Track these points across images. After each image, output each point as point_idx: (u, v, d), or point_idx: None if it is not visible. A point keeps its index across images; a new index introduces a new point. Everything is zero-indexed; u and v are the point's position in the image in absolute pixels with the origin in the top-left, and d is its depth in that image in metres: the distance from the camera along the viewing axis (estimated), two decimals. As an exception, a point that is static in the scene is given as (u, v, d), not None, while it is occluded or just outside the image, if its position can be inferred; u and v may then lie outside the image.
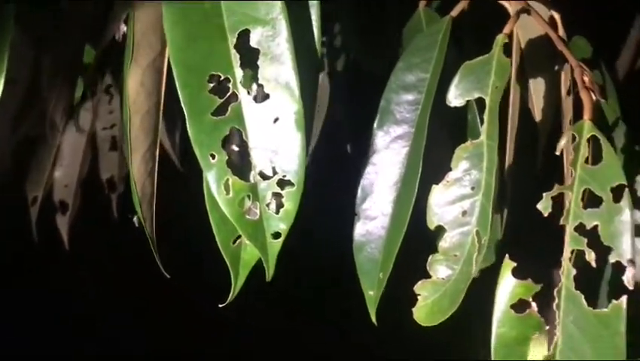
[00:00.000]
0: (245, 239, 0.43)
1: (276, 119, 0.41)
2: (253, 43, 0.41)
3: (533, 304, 0.36)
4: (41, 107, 0.81)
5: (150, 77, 0.45)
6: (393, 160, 0.51)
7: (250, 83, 0.41)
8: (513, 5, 0.49)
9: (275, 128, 0.41)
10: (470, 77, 0.43)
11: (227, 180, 0.41)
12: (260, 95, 0.41)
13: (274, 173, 0.41)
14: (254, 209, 0.42)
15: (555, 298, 0.36)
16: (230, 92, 0.41)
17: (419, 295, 0.45)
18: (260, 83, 0.41)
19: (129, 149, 0.44)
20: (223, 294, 0.47)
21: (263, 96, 0.41)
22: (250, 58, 0.41)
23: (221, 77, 0.40)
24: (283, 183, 0.42)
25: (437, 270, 0.44)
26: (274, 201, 0.42)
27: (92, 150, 0.96)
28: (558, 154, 0.38)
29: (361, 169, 0.52)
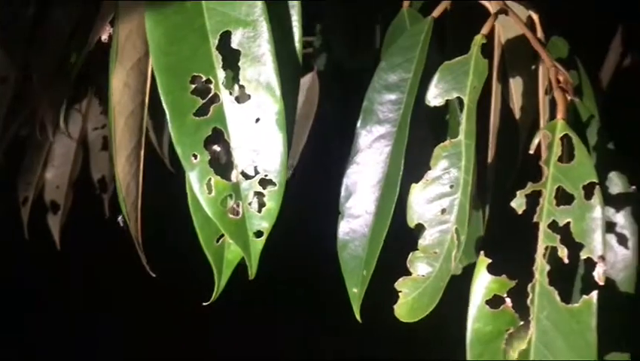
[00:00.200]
0: (228, 238, 0.44)
1: (258, 119, 0.42)
2: (234, 45, 0.41)
3: (507, 300, 0.37)
4: (32, 107, 0.82)
5: (135, 78, 0.46)
6: (376, 159, 0.52)
7: (232, 83, 0.41)
8: (493, 6, 0.50)
9: (257, 129, 0.42)
10: (449, 77, 0.44)
11: (210, 180, 0.41)
12: (242, 96, 0.42)
13: (256, 172, 0.42)
14: (236, 208, 0.42)
15: (529, 294, 0.37)
16: (212, 93, 0.41)
17: (400, 292, 0.46)
18: (242, 84, 0.41)
19: (113, 150, 0.44)
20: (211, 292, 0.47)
21: (244, 97, 0.42)
22: (231, 59, 0.42)
23: (203, 78, 0.41)
24: (265, 183, 0.42)
25: (417, 267, 0.45)
26: (256, 201, 0.43)
27: (83, 151, 0.97)
28: (532, 153, 0.38)
29: (345, 168, 0.53)
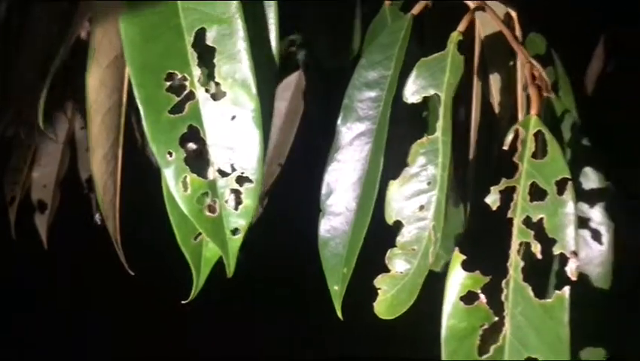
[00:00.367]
0: (205, 236, 0.44)
1: (234, 116, 0.42)
2: (210, 42, 0.41)
3: (482, 296, 0.37)
4: (16, 108, 0.81)
5: (112, 77, 0.46)
6: (356, 157, 0.52)
7: (207, 81, 0.41)
8: (473, 3, 0.50)
9: (233, 126, 0.42)
10: (426, 73, 0.44)
11: (185, 178, 0.41)
12: (218, 93, 0.42)
13: (232, 170, 0.42)
14: (213, 206, 0.42)
15: (504, 290, 0.37)
16: (188, 90, 0.41)
17: (379, 289, 0.46)
18: (217, 81, 0.41)
19: (90, 148, 0.44)
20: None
21: (220, 94, 0.41)
22: (207, 56, 0.41)
23: (178, 76, 0.41)
24: (242, 180, 0.42)
25: (396, 264, 0.45)
26: (233, 198, 0.42)
27: (70, 150, 0.97)
28: (506, 149, 0.38)
29: (326, 166, 0.53)
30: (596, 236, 0.42)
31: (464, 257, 0.38)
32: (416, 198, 0.44)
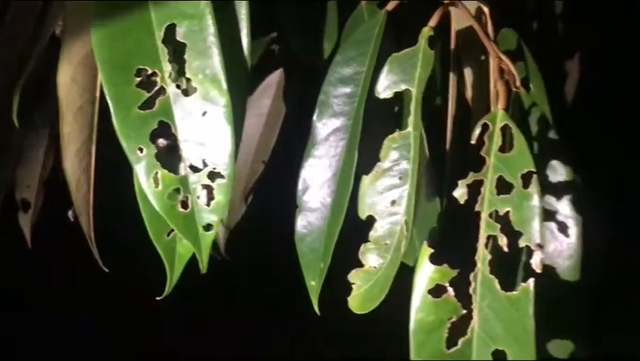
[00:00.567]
0: (177, 232, 0.44)
1: (205, 112, 0.42)
2: (180, 38, 0.41)
3: (450, 289, 0.37)
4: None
5: (83, 74, 0.46)
6: (332, 152, 0.52)
7: (178, 76, 0.41)
8: (447, -2, 0.50)
9: (204, 122, 0.42)
10: (397, 69, 0.44)
11: (156, 174, 0.41)
12: (189, 89, 0.42)
13: (204, 165, 0.42)
14: (185, 202, 0.42)
15: (472, 283, 0.37)
16: (158, 86, 0.41)
17: (353, 284, 0.46)
18: (188, 76, 0.41)
19: (62, 145, 0.44)
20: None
21: (191, 90, 0.42)
22: (177, 52, 0.41)
23: (149, 72, 0.41)
24: (213, 176, 0.42)
25: (369, 259, 0.45)
26: (205, 194, 0.43)
27: (55, 149, 0.96)
28: (474, 143, 0.39)
29: (302, 162, 0.53)
30: (565, 229, 0.42)
31: (432, 251, 0.38)
32: (389, 192, 0.45)
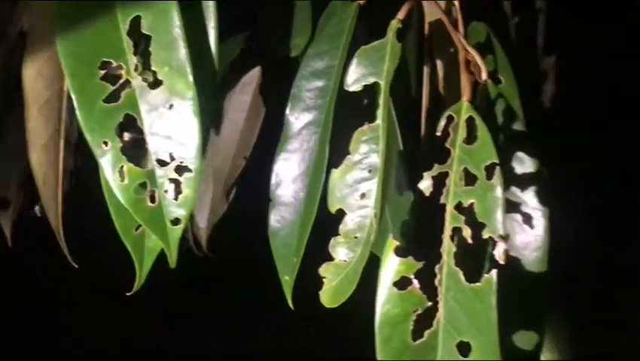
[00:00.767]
0: (144, 226, 0.43)
1: (171, 105, 0.41)
2: (145, 30, 0.41)
3: (415, 281, 0.37)
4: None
5: (51, 68, 0.45)
6: (304, 146, 0.52)
7: (143, 69, 0.41)
8: (419, -9, 0.50)
9: (171, 115, 0.41)
10: (366, 62, 0.44)
11: (122, 167, 0.41)
12: (154, 82, 0.41)
13: (171, 159, 0.42)
14: (152, 196, 0.42)
15: (437, 275, 0.37)
16: (123, 79, 0.41)
17: (324, 278, 0.46)
18: (154, 69, 0.41)
19: (27, 138, 0.44)
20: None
21: (157, 83, 0.41)
22: (142, 44, 0.41)
23: (114, 64, 0.41)
24: (181, 170, 0.42)
25: (339, 252, 0.45)
26: (172, 188, 0.42)
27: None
28: (439, 135, 0.39)
29: (275, 156, 0.53)
30: (532, 221, 0.42)
31: (397, 243, 0.38)
32: (358, 186, 0.44)
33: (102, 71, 0.40)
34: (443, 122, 0.38)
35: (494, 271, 0.35)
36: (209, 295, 1.19)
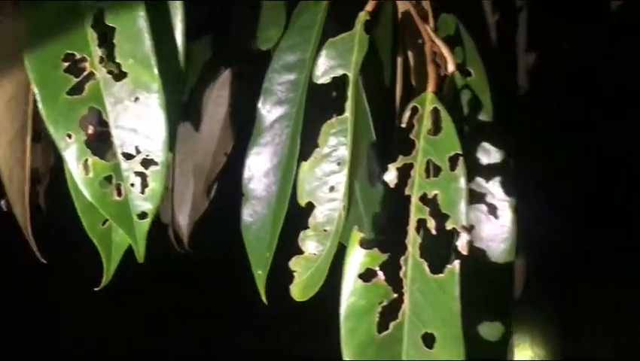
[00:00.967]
0: (111, 220, 0.43)
1: (136, 98, 0.41)
2: (109, 22, 0.40)
3: (380, 273, 0.37)
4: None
5: (17, 60, 0.44)
6: (276, 140, 0.52)
7: (108, 61, 0.41)
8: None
9: (136, 107, 0.41)
10: (334, 54, 0.44)
11: (87, 161, 0.40)
12: (119, 74, 0.41)
13: (137, 152, 0.41)
14: (118, 190, 0.42)
15: (402, 267, 0.37)
16: (88, 71, 0.40)
17: (294, 271, 0.46)
18: (118, 61, 0.40)
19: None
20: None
21: (121, 75, 0.41)
22: (107, 36, 0.41)
23: (77, 56, 0.40)
24: (147, 163, 0.41)
25: (309, 245, 0.44)
26: (139, 181, 0.42)
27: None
28: (403, 126, 0.38)
29: (248, 149, 0.53)
30: (498, 212, 0.42)
31: (362, 235, 0.38)
32: (327, 178, 0.44)
33: (66, 63, 0.40)
34: (407, 114, 0.38)
35: (456, 262, 0.35)
36: (189, 292, 1.19)
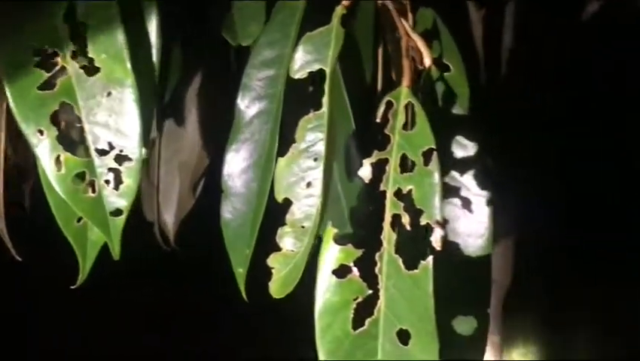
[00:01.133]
0: (84, 217, 0.42)
1: (109, 93, 0.40)
2: (81, 17, 0.40)
3: (354, 269, 0.36)
4: None
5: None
6: (256, 136, 0.51)
7: (79, 56, 0.40)
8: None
9: (109, 103, 0.40)
10: (311, 48, 0.43)
11: (59, 157, 0.40)
12: (91, 69, 0.40)
13: (111, 148, 0.41)
14: (92, 186, 0.41)
15: (377, 263, 0.36)
16: (59, 65, 0.40)
17: (273, 268, 0.45)
18: (90, 56, 0.40)
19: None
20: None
21: (94, 70, 0.40)
22: (79, 31, 0.40)
23: (49, 51, 0.40)
24: (121, 159, 0.41)
25: (286, 242, 0.44)
26: (112, 177, 0.41)
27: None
28: (378, 121, 0.38)
29: (227, 146, 0.52)
30: (474, 207, 0.42)
31: (336, 231, 0.37)
32: (304, 174, 0.44)
33: (37, 58, 0.39)
34: (382, 108, 0.38)
35: (430, 258, 0.34)
36: (175, 289, 1.18)
